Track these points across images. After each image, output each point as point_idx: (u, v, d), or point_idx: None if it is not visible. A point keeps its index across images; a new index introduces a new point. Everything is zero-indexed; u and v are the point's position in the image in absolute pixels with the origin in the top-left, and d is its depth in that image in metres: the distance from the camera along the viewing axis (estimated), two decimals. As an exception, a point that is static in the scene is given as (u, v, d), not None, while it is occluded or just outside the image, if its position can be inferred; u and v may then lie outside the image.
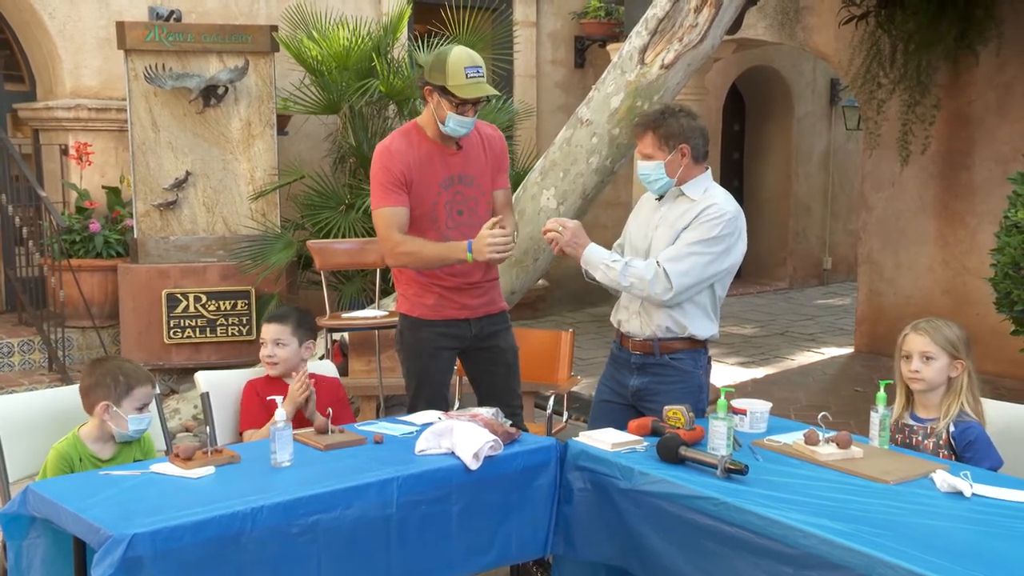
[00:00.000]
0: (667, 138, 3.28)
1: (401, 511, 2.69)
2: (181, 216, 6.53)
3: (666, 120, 3.29)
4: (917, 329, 3.09)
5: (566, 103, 9.05)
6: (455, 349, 3.67)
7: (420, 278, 3.59)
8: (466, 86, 3.37)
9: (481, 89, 3.40)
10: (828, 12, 7.40)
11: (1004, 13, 6.65)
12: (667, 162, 3.29)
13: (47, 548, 2.58)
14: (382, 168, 3.53)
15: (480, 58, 3.46)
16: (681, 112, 3.34)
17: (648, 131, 3.31)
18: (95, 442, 3.02)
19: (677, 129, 3.28)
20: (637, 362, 3.40)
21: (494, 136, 3.70)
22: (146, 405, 3.05)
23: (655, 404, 3.26)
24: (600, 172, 5.29)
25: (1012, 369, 6.42)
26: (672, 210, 3.35)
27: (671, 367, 3.37)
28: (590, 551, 2.98)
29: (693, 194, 3.33)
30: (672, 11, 5.16)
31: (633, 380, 3.41)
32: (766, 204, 11.81)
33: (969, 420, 3.02)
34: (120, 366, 3.05)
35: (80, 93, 7.01)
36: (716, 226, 3.24)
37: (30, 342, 6.58)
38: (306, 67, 6.83)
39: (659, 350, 3.35)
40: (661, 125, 3.29)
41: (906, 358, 3.09)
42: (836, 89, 11.52)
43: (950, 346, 3.04)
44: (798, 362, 7.76)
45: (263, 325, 3.61)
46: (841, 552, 2.26)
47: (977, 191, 7.13)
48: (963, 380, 3.05)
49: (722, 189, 3.39)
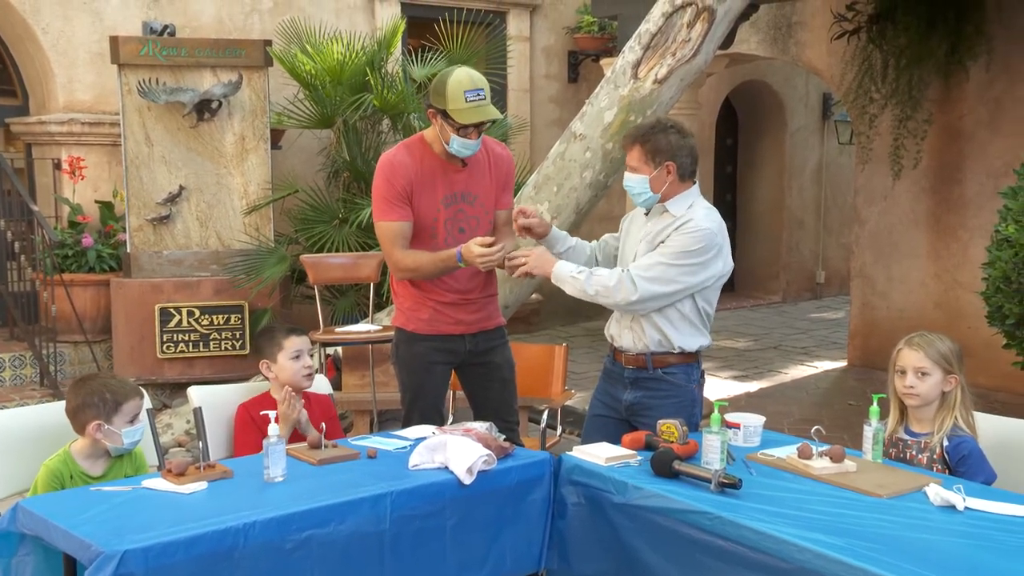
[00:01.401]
0: (653, 153, 3.26)
1: (395, 526, 2.69)
2: (174, 230, 6.53)
3: (655, 135, 3.28)
4: (911, 344, 3.09)
5: (560, 117, 9.08)
6: (449, 364, 3.66)
7: (416, 292, 3.58)
8: (466, 111, 3.34)
9: (482, 113, 3.36)
10: (820, 27, 7.44)
11: (994, 30, 6.70)
12: (652, 177, 3.28)
13: (37, 565, 2.55)
14: (384, 181, 3.50)
15: (482, 80, 3.42)
16: (672, 128, 3.31)
17: (636, 144, 3.30)
18: (86, 459, 3.00)
19: (664, 146, 3.26)
20: (631, 376, 3.39)
21: (502, 156, 3.66)
22: (137, 416, 3.03)
23: (649, 419, 3.26)
24: (594, 186, 5.30)
25: (1004, 383, 6.43)
26: (655, 225, 3.34)
27: (664, 381, 3.36)
28: (584, 566, 2.97)
29: (676, 211, 3.31)
30: (665, 26, 5.18)
31: (627, 394, 3.40)
32: (759, 218, 11.83)
33: (963, 435, 3.02)
34: (105, 383, 3.02)
35: (73, 107, 7.01)
36: (689, 239, 3.22)
37: (22, 357, 6.56)
38: (300, 81, 6.84)
39: (652, 364, 3.35)
40: (649, 140, 3.27)
41: (900, 373, 3.09)
42: (828, 103, 11.57)
43: (944, 361, 3.04)
44: (791, 376, 7.76)
45: (292, 338, 3.49)
46: (835, 566, 2.26)
47: (969, 205, 7.16)
48: (957, 394, 3.06)
49: (706, 205, 3.36)
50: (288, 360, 3.45)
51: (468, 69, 3.45)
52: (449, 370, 3.69)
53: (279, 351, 3.46)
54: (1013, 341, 4.89)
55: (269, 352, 3.49)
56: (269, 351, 3.49)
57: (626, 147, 3.37)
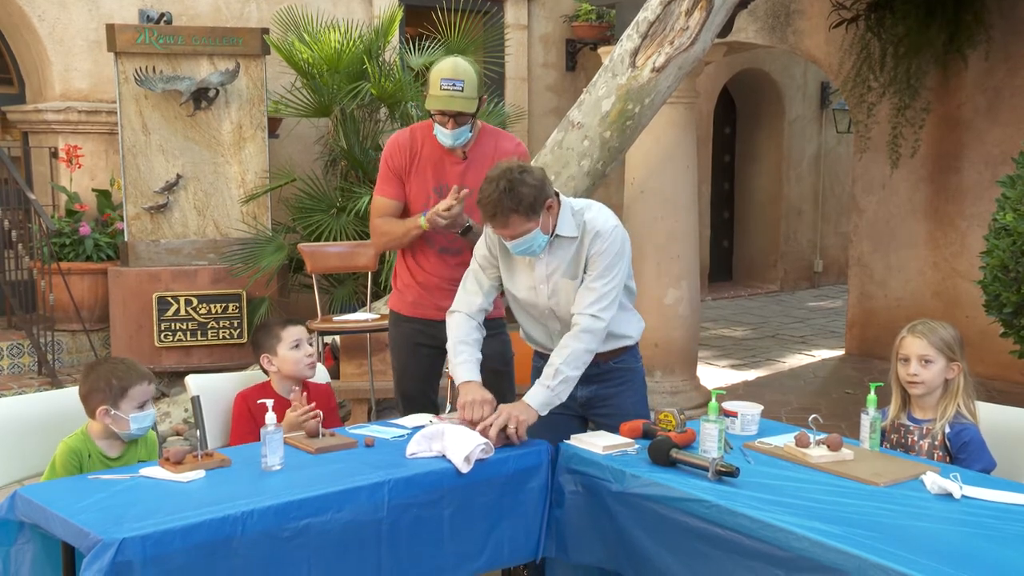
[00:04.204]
0: (531, 208, 2.99)
1: (392, 515, 2.69)
2: (172, 219, 6.52)
3: (521, 193, 2.96)
4: (914, 332, 3.08)
5: (557, 106, 9.06)
6: (435, 348, 3.65)
7: (406, 274, 3.69)
8: (435, 97, 3.38)
9: (446, 103, 3.36)
10: (818, 16, 7.42)
11: (992, 18, 6.69)
12: (541, 225, 3.06)
13: (36, 553, 2.56)
14: (384, 158, 3.62)
15: (469, 72, 3.38)
16: (523, 172, 3.00)
17: (510, 216, 2.98)
18: (103, 440, 3.02)
19: (535, 192, 2.99)
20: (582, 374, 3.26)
21: (509, 152, 3.58)
22: (147, 402, 3.03)
23: (607, 409, 3.29)
24: (592, 175, 5.29)
25: (1002, 372, 6.44)
26: (558, 256, 3.17)
27: (616, 370, 3.34)
28: (582, 554, 2.98)
29: (569, 232, 3.14)
30: (663, 14, 5.16)
31: (580, 391, 3.29)
32: (757, 207, 11.83)
33: (965, 422, 3.03)
34: (113, 369, 3.03)
35: (70, 96, 6.99)
36: (611, 249, 3.12)
37: (19, 346, 6.56)
38: (297, 70, 6.82)
39: (601, 359, 3.27)
40: (520, 201, 2.96)
41: (904, 361, 3.09)
42: (827, 92, 11.56)
43: (947, 348, 3.05)
44: (789, 365, 7.78)
45: (289, 328, 3.47)
46: (832, 554, 2.26)
47: (967, 194, 7.16)
48: (959, 381, 3.06)
49: (583, 202, 3.23)
50: (288, 351, 3.45)
51: (459, 60, 3.45)
52: (439, 356, 3.69)
53: (278, 343, 3.46)
54: (1011, 330, 4.89)
55: (268, 346, 3.48)
56: (268, 344, 3.48)
57: (500, 225, 3.03)
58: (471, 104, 3.42)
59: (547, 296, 3.22)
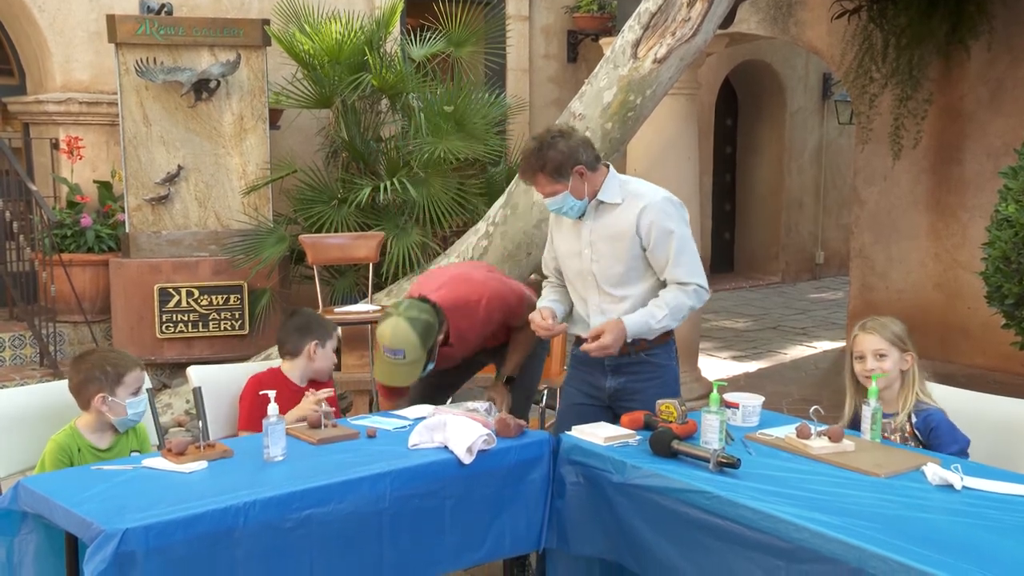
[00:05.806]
0: (558, 171, 3.18)
1: (394, 505, 2.70)
2: (173, 211, 6.51)
3: (548, 155, 3.17)
4: (866, 329, 3.19)
5: (559, 97, 9.05)
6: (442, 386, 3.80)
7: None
8: (378, 363, 3.38)
9: (388, 377, 3.36)
10: (820, 7, 7.40)
11: (995, 9, 6.67)
12: (570, 190, 3.22)
13: (39, 544, 2.57)
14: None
15: (407, 337, 3.25)
16: (555, 137, 3.21)
17: (537, 174, 3.21)
18: (92, 433, 3.03)
19: (561, 157, 3.17)
20: (611, 364, 3.33)
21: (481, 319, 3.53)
22: (140, 388, 3.05)
23: (635, 403, 3.26)
24: (593, 166, 5.29)
25: (1003, 363, 6.44)
26: (601, 221, 3.28)
27: (647, 363, 3.33)
28: (583, 545, 2.98)
29: (612, 197, 3.26)
30: (665, 5, 5.15)
31: (609, 381, 3.35)
32: (759, 199, 11.82)
33: (928, 407, 3.10)
34: (105, 356, 3.05)
35: (71, 87, 6.98)
36: (669, 217, 3.23)
37: (21, 337, 6.56)
38: (298, 61, 6.81)
39: (634, 349, 3.30)
40: (545, 163, 3.17)
41: (859, 359, 3.18)
42: (828, 84, 11.54)
43: (899, 340, 3.15)
44: (790, 356, 7.78)
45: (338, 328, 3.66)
46: (833, 545, 2.27)
47: (969, 185, 7.15)
48: (914, 371, 3.15)
49: (626, 178, 3.35)
50: (331, 351, 3.54)
51: (399, 323, 3.27)
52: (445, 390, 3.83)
53: (328, 339, 3.53)
54: (1012, 321, 4.89)
55: (321, 335, 3.53)
56: (321, 335, 3.53)
57: (528, 180, 3.27)
58: (415, 369, 3.32)
59: (590, 260, 3.30)
